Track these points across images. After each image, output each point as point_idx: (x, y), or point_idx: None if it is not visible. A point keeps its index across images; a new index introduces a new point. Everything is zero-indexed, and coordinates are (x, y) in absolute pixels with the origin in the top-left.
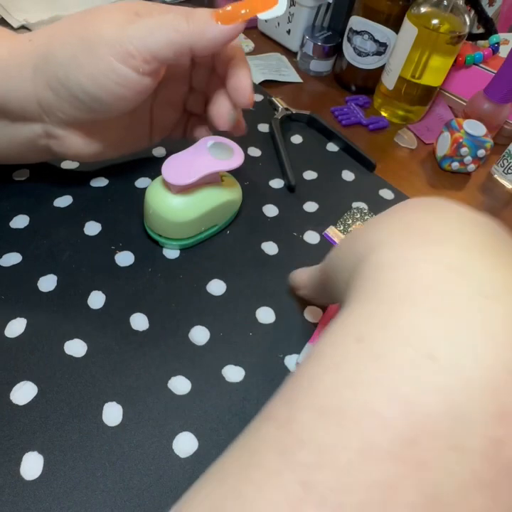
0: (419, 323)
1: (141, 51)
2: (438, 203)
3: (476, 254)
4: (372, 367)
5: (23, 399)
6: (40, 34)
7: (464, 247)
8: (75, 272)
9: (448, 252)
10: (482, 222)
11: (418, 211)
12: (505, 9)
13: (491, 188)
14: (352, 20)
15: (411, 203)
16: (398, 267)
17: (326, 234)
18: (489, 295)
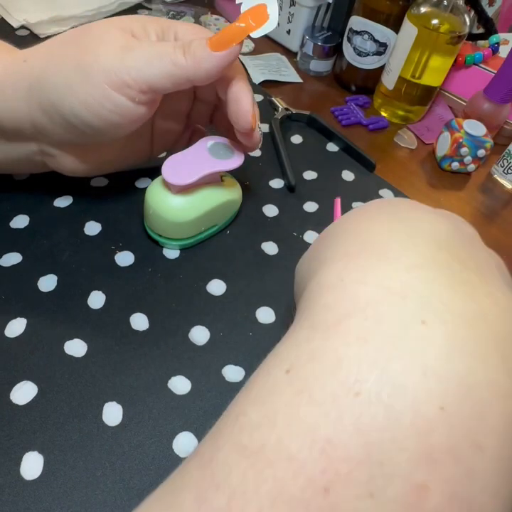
0: (348, 354)
1: (137, 81)
2: (393, 208)
3: (424, 273)
4: (295, 402)
5: (23, 399)
6: (35, 54)
7: (412, 266)
8: (75, 271)
9: (392, 273)
10: (441, 229)
11: (371, 221)
12: (505, 9)
13: (491, 188)
14: (352, 21)
15: (365, 209)
16: (337, 289)
17: None
18: (428, 320)
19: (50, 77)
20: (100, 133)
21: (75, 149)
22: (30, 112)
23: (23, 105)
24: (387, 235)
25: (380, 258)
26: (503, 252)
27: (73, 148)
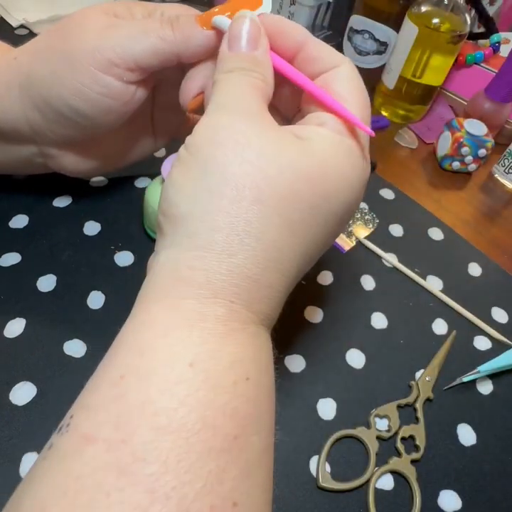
0: (239, 353)
1: (124, 59)
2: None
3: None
4: (204, 388)
5: (22, 399)
6: (25, 51)
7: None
8: (75, 271)
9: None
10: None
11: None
12: (505, 8)
13: (492, 188)
14: (352, 20)
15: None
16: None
17: None
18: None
19: (38, 72)
20: (95, 121)
21: (75, 147)
22: (26, 112)
23: (18, 105)
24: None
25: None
26: (503, 251)
27: (73, 147)
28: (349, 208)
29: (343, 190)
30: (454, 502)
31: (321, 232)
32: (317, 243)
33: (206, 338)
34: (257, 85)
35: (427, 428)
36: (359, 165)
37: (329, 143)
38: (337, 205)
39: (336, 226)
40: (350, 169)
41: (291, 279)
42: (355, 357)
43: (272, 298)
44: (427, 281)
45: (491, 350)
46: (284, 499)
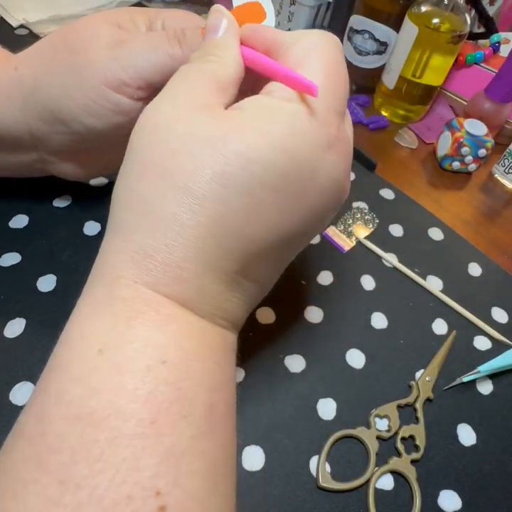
0: (152, 337)
1: (135, 79)
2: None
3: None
4: (115, 374)
5: (22, 399)
6: (26, 61)
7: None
8: (75, 271)
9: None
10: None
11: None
12: (505, 8)
13: (492, 188)
14: (352, 20)
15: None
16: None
17: (325, 234)
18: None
19: (44, 86)
20: (103, 135)
21: (76, 155)
22: (28, 122)
23: (19, 115)
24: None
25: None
26: (503, 251)
27: (74, 155)
28: (293, 177)
29: (279, 159)
30: (454, 502)
31: (260, 207)
32: (267, 224)
33: (115, 323)
34: (206, 69)
35: (427, 428)
36: (303, 129)
37: (262, 109)
38: (272, 175)
39: (283, 199)
40: (288, 135)
41: (233, 261)
42: (355, 357)
43: (188, 280)
44: (427, 281)
45: (491, 350)
46: (284, 499)
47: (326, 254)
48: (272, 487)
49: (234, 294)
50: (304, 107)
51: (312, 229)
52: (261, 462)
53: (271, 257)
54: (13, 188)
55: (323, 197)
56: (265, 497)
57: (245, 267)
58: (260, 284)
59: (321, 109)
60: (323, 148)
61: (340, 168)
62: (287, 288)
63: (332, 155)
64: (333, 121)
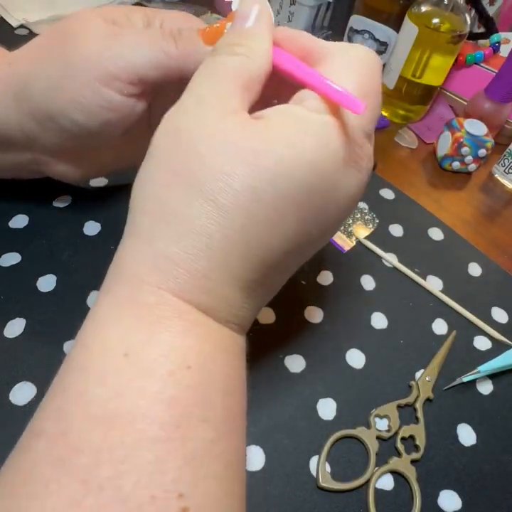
0: (176, 342)
1: (126, 73)
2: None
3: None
4: (138, 378)
5: (22, 399)
6: (20, 58)
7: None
8: (75, 271)
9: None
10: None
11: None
12: (505, 8)
13: (492, 188)
14: (352, 20)
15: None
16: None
17: None
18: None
19: (35, 82)
20: (93, 132)
21: (71, 155)
22: (20, 120)
23: (12, 113)
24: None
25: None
26: (503, 251)
27: (69, 155)
28: (317, 192)
29: (305, 175)
30: (454, 502)
31: (286, 219)
32: (285, 235)
33: (139, 327)
34: (233, 63)
35: (427, 428)
36: (331, 144)
37: (291, 120)
38: (298, 190)
39: (305, 212)
40: (315, 150)
41: (252, 271)
42: (355, 357)
43: (212, 290)
44: (427, 281)
45: (491, 350)
46: (284, 499)
47: (326, 254)
48: (272, 487)
49: (250, 301)
50: (335, 120)
51: (325, 239)
52: (261, 462)
53: (285, 266)
54: (13, 188)
55: (340, 212)
56: (265, 497)
57: (263, 276)
58: (271, 290)
59: (352, 126)
60: (347, 166)
61: (360, 186)
62: (287, 288)
63: (355, 173)
64: (361, 141)
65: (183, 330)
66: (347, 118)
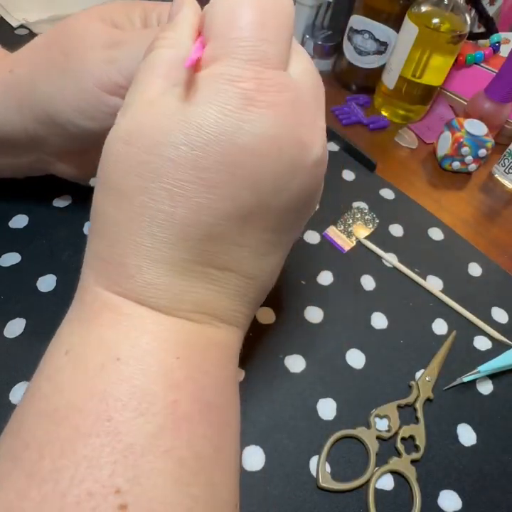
0: (106, 336)
1: (130, 80)
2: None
3: None
4: (74, 373)
5: None
6: (21, 63)
7: None
8: (75, 271)
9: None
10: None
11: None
12: (505, 8)
13: (492, 188)
14: (352, 19)
15: None
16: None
17: (326, 234)
18: None
19: (41, 88)
20: (98, 136)
21: (74, 156)
22: (25, 124)
23: (16, 118)
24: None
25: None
26: (503, 251)
27: (72, 155)
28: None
29: (186, 139)
30: (454, 502)
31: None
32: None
33: (79, 325)
34: (155, 58)
35: (427, 428)
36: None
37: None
38: (184, 156)
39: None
40: (174, 104)
41: (177, 250)
42: (355, 357)
43: (134, 276)
44: (427, 281)
45: (491, 350)
46: (284, 499)
47: (326, 254)
48: (272, 487)
49: (200, 284)
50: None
51: (277, 200)
52: (261, 462)
53: (235, 241)
54: (13, 188)
55: (259, 158)
56: (265, 497)
57: (199, 254)
58: (245, 274)
59: (221, 66)
60: (234, 107)
61: (270, 122)
62: (287, 288)
63: (251, 110)
64: (244, 74)
65: (114, 323)
66: (212, 55)
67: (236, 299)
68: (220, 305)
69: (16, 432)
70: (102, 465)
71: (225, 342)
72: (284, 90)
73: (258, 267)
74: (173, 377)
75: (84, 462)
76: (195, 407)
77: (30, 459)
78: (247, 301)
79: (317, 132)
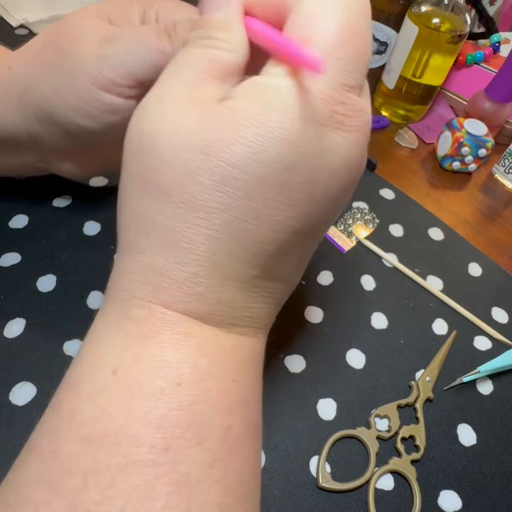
0: (166, 357)
1: (125, 78)
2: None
3: None
4: (127, 396)
5: (22, 399)
6: (19, 61)
7: None
8: (75, 272)
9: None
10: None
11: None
12: (506, 8)
13: (492, 188)
14: None
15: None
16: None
17: (326, 234)
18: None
19: (37, 86)
20: (97, 134)
21: (74, 154)
22: (25, 123)
23: (16, 115)
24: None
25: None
26: (504, 251)
27: (72, 154)
28: (296, 165)
29: (278, 151)
30: (454, 502)
31: (254, 205)
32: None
33: (129, 343)
34: (204, 55)
35: (427, 428)
36: (299, 112)
37: (252, 93)
38: (273, 170)
39: (290, 191)
40: (282, 120)
41: (249, 268)
42: (355, 357)
43: (204, 294)
44: (427, 281)
45: (491, 350)
46: (284, 499)
47: (326, 254)
48: (272, 487)
49: (258, 299)
50: (296, 83)
51: (331, 214)
52: (261, 462)
53: (292, 253)
54: (13, 188)
55: (337, 179)
56: (265, 497)
57: (265, 270)
58: (286, 281)
59: (320, 84)
60: (325, 128)
61: (352, 145)
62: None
63: (339, 134)
64: (341, 96)
65: (174, 343)
66: (310, 78)
67: (277, 307)
68: (267, 317)
69: (52, 455)
70: (155, 496)
71: (261, 354)
72: (363, 117)
73: (300, 273)
74: (229, 402)
75: (137, 493)
76: (245, 430)
77: (73, 488)
78: (281, 305)
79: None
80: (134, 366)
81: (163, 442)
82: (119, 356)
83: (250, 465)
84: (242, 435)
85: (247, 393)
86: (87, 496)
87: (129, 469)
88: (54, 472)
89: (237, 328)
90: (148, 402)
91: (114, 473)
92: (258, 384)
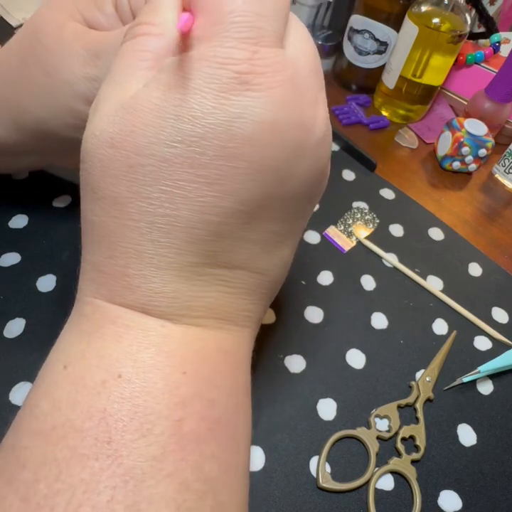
0: (108, 349)
1: None
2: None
3: None
4: (73, 390)
5: (22, 399)
6: (2, 78)
7: None
8: (75, 271)
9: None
10: None
11: None
12: (506, 8)
13: (492, 188)
14: (352, 19)
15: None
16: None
17: (326, 234)
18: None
19: (30, 111)
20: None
21: (75, 158)
22: (23, 138)
23: (13, 131)
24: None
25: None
26: (504, 251)
27: (72, 158)
28: (208, 141)
29: (175, 129)
30: (455, 502)
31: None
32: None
33: (80, 339)
34: (135, 48)
35: (427, 428)
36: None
37: (154, 79)
38: (172, 147)
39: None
40: (169, 96)
41: (183, 255)
42: (355, 357)
43: (139, 286)
44: (427, 281)
45: (491, 350)
46: (284, 499)
47: (326, 254)
48: (272, 487)
49: (210, 287)
50: (181, 57)
51: (280, 187)
52: (261, 462)
53: (242, 237)
54: (13, 188)
55: (263, 147)
56: (265, 497)
57: (208, 256)
58: (253, 270)
59: (208, 47)
60: (230, 94)
61: (273, 105)
62: (287, 288)
63: (249, 94)
64: (237, 55)
65: (115, 336)
66: (198, 40)
67: (248, 297)
68: (233, 307)
69: (11, 450)
70: (100, 490)
71: (237, 348)
72: (282, 69)
73: (269, 261)
74: (179, 395)
75: (82, 486)
76: (202, 425)
77: (25, 482)
78: (260, 298)
79: (318, 106)
80: (80, 361)
81: (106, 436)
82: (69, 352)
83: (214, 462)
84: (200, 430)
85: (206, 387)
86: (37, 489)
87: (74, 462)
88: (11, 466)
89: (189, 319)
90: (90, 395)
91: (60, 466)
92: (229, 379)
